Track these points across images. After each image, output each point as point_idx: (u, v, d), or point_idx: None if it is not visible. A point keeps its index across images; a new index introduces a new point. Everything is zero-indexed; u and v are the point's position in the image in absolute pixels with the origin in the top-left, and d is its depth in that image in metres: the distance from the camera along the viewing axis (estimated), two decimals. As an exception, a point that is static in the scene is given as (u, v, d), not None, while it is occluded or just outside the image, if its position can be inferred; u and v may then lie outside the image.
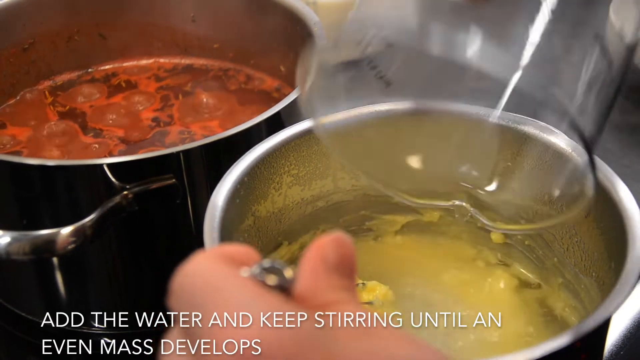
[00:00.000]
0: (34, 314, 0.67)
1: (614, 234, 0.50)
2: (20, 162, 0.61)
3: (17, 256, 0.55)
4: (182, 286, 0.30)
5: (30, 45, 0.79)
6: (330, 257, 0.32)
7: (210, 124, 0.74)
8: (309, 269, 0.31)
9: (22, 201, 0.63)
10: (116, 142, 0.73)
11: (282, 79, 0.79)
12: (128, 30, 0.82)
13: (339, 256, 0.32)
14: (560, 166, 0.55)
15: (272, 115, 0.60)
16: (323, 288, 0.31)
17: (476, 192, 0.60)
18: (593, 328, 0.43)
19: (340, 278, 0.31)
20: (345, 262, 0.32)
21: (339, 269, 0.32)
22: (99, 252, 0.64)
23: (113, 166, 0.58)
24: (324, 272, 0.31)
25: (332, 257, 0.32)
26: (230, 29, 0.80)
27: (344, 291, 0.31)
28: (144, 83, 0.80)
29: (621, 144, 0.85)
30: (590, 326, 0.43)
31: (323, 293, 0.31)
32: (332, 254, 0.32)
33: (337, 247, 0.32)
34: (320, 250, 0.32)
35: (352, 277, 0.32)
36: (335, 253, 0.32)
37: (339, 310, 0.30)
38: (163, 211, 0.61)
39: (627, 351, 0.63)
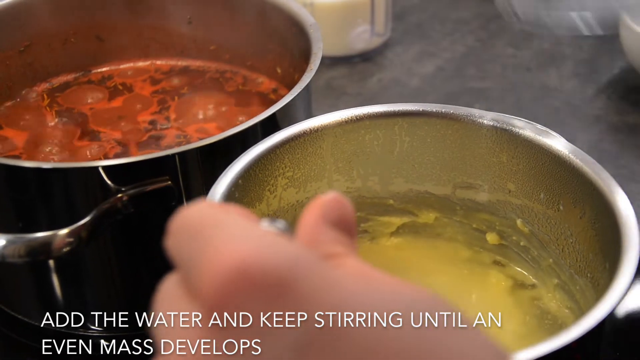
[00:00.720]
0: (32, 317, 0.67)
1: (609, 235, 0.50)
2: (15, 165, 0.61)
3: (13, 259, 0.55)
4: (180, 224, 0.29)
5: (26, 48, 0.79)
6: (331, 214, 0.31)
7: (207, 126, 0.74)
8: (310, 223, 0.30)
9: (18, 204, 0.63)
10: (112, 144, 0.73)
11: (279, 81, 0.79)
12: (125, 33, 0.82)
13: (339, 214, 0.31)
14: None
15: (267, 117, 0.60)
16: (324, 241, 0.30)
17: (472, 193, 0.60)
18: (588, 329, 0.43)
19: (341, 234, 0.31)
20: (345, 221, 0.31)
21: (339, 226, 0.31)
22: (96, 255, 0.64)
23: (109, 168, 0.58)
24: (325, 227, 0.30)
25: (332, 214, 0.31)
26: (227, 31, 0.80)
27: (345, 247, 0.30)
28: (139, 85, 0.80)
29: (618, 145, 0.86)
30: (586, 327, 0.43)
31: (324, 246, 0.30)
32: (333, 211, 0.31)
33: (336, 205, 0.31)
34: (321, 207, 0.31)
35: (352, 236, 0.31)
36: (335, 210, 0.31)
37: (340, 262, 0.29)
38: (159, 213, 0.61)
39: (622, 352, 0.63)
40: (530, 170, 0.56)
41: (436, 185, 0.61)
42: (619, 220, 0.49)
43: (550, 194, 0.56)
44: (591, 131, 0.87)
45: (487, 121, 0.58)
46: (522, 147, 0.56)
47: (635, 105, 0.91)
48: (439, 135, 0.59)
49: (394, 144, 0.60)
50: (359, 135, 0.59)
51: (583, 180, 0.53)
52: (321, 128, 0.58)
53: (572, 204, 0.54)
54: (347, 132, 0.59)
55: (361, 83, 0.96)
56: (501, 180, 0.59)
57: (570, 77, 0.96)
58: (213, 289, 0.26)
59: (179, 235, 0.29)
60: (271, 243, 0.27)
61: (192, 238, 0.28)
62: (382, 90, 0.95)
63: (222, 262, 0.26)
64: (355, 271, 0.29)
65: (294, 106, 0.63)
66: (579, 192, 0.53)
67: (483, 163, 0.59)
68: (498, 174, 0.59)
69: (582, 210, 0.53)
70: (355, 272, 0.28)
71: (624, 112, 0.90)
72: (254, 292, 0.26)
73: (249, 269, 0.26)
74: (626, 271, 0.45)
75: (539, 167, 0.56)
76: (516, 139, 0.57)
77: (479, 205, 0.60)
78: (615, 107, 0.91)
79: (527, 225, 0.58)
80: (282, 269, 0.26)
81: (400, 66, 0.99)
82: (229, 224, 0.28)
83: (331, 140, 0.59)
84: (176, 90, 0.79)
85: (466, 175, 0.60)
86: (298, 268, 0.27)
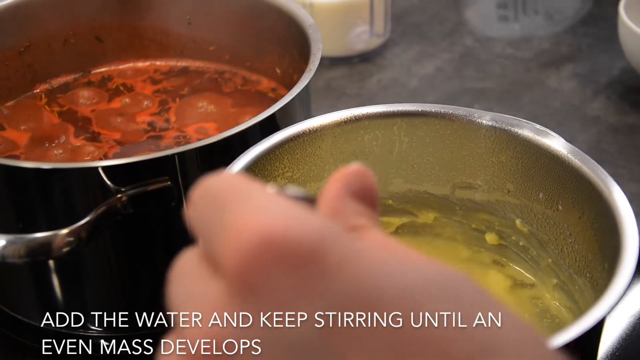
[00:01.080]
0: (32, 317, 0.67)
1: (608, 235, 0.50)
2: (15, 165, 0.61)
3: (13, 259, 0.55)
4: (203, 193, 0.29)
5: (26, 48, 0.79)
6: (354, 186, 0.30)
7: (206, 127, 0.74)
8: (332, 194, 0.30)
9: (18, 204, 0.63)
10: (112, 144, 0.73)
11: (278, 81, 0.79)
12: (124, 33, 0.82)
13: (361, 186, 0.30)
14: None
15: (266, 117, 0.60)
16: (347, 213, 0.29)
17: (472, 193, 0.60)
18: (587, 328, 0.43)
19: (364, 206, 0.30)
20: (367, 193, 0.31)
21: (362, 198, 0.30)
22: (95, 255, 0.64)
23: (108, 169, 0.58)
24: (348, 199, 0.30)
25: (355, 186, 0.30)
26: (226, 32, 0.80)
27: (368, 219, 0.30)
28: (139, 86, 0.80)
29: (617, 145, 0.86)
30: (585, 327, 0.43)
31: (347, 217, 0.29)
32: (355, 183, 0.30)
33: (359, 177, 0.31)
34: (343, 179, 0.30)
35: (375, 209, 0.31)
36: (358, 182, 0.30)
37: (364, 234, 0.28)
38: (158, 213, 0.61)
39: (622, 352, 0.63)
40: (529, 170, 0.57)
41: (435, 185, 0.61)
42: (618, 221, 0.49)
43: (549, 194, 0.56)
44: (590, 131, 0.87)
45: (486, 121, 0.58)
46: (521, 147, 0.56)
47: (635, 105, 0.91)
48: (438, 135, 0.59)
49: (393, 144, 0.60)
50: (358, 136, 0.59)
51: (582, 181, 0.53)
52: (320, 128, 0.58)
53: (571, 204, 0.54)
54: (346, 133, 0.59)
55: (360, 83, 0.96)
56: (500, 180, 0.59)
57: (569, 77, 0.96)
58: (240, 259, 0.26)
59: (201, 205, 0.29)
60: (298, 214, 0.27)
61: (215, 208, 0.28)
62: (381, 90, 0.95)
63: (249, 231, 0.26)
64: (380, 243, 0.28)
65: (293, 106, 0.63)
66: (578, 192, 0.53)
67: (482, 163, 0.59)
68: (497, 174, 0.59)
69: (581, 210, 0.53)
70: (380, 244, 0.28)
71: (623, 113, 0.90)
72: (281, 262, 0.26)
73: (276, 239, 0.26)
74: (625, 271, 0.45)
75: (538, 167, 0.56)
76: (515, 139, 0.57)
77: (478, 205, 0.60)
78: (615, 107, 0.91)
79: (526, 225, 0.58)
80: (310, 239, 0.26)
81: (400, 67, 0.99)
82: (253, 194, 0.28)
83: (330, 141, 0.59)
84: (176, 90, 0.79)
85: (465, 175, 0.60)
86: (325, 239, 0.26)
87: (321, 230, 0.26)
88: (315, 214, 0.28)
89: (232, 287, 0.26)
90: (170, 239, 0.63)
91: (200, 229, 0.28)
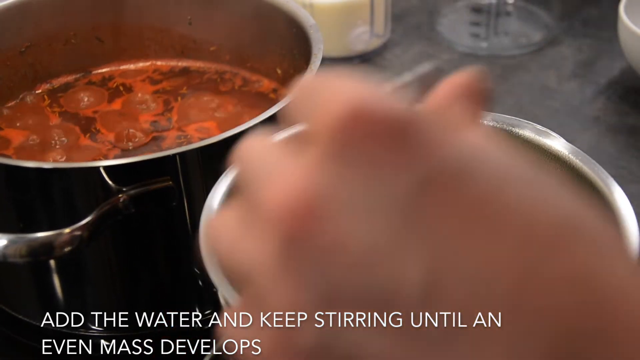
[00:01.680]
0: (32, 317, 0.68)
1: (608, 235, 0.50)
2: (16, 165, 0.61)
3: (14, 259, 0.55)
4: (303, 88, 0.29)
5: (27, 49, 0.79)
6: (465, 88, 0.31)
7: (207, 127, 0.74)
8: (441, 92, 0.31)
9: (19, 204, 0.63)
10: (113, 144, 0.73)
11: (279, 81, 0.79)
12: (125, 33, 0.82)
13: (473, 88, 0.31)
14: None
15: (268, 117, 0.60)
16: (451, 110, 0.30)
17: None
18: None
19: (471, 107, 0.31)
20: (479, 96, 0.31)
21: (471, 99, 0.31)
22: (96, 255, 0.64)
23: (110, 169, 0.58)
24: (456, 98, 0.31)
25: (467, 87, 0.31)
26: (227, 32, 0.80)
27: (473, 120, 0.30)
28: (139, 86, 0.80)
29: (618, 146, 0.86)
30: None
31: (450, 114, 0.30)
32: (467, 85, 0.31)
33: (472, 80, 0.31)
34: (456, 80, 0.31)
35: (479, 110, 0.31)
36: (470, 85, 0.31)
37: (461, 130, 0.29)
38: (159, 213, 0.61)
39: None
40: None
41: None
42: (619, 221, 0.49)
43: (550, 195, 0.56)
44: (591, 132, 0.88)
45: (487, 121, 0.58)
46: (522, 148, 0.56)
47: (635, 106, 0.91)
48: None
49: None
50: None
51: (583, 181, 0.53)
52: (321, 128, 0.58)
53: (572, 205, 0.54)
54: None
55: (361, 84, 0.96)
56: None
57: (569, 78, 0.96)
58: (335, 122, 0.26)
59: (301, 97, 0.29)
60: (394, 97, 0.27)
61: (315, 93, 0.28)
62: (381, 91, 0.95)
63: (345, 101, 0.26)
64: (476, 137, 0.28)
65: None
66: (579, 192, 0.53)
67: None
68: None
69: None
70: (476, 138, 0.28)
71: (623, 113, 0.90)
72: (373, 129, 0.26)
73: (368, 107, 0.26)
74: (626, 271, 0.45)
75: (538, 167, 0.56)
76: (516, 140, 0.57)
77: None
78: (615, 108, 0.91)
79: (526, 225, 0.58)
80: (402, 114, 0.26)
81: (400, 67, 0.99)
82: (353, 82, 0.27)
83: (331, 141, 0.59)
84: (176, 90, 0.79)
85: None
86: (419, 118, 0.27)
87: (414, 111, 0.27)
88: (414, 102, 0.28)
89: (325, 152, 0.26)
90: (171, 239, 0.63)
91: (298, 115, 0.29)
